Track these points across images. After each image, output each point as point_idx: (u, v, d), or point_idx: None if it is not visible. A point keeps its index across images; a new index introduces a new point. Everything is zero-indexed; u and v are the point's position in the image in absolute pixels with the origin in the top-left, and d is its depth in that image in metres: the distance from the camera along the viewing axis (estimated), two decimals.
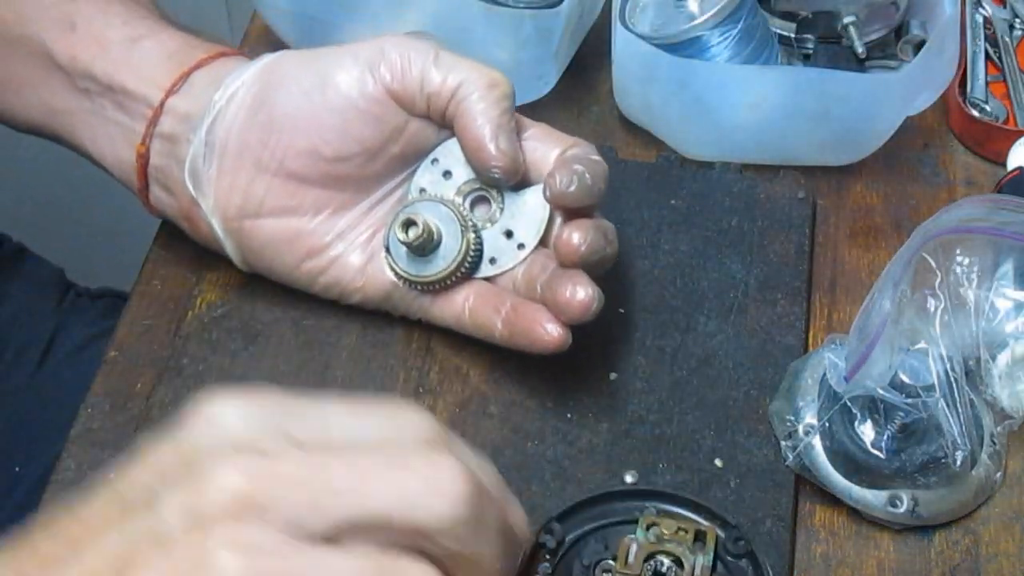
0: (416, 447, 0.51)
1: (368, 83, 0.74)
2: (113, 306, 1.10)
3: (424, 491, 0.49)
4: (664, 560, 0.68)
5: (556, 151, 0.76)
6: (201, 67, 0.77)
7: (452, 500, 0.49)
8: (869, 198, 0.91)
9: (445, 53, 0.74)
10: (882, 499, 0.73)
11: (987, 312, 0.75)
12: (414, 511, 0.49)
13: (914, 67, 0.88)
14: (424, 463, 0.50)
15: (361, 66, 0.74)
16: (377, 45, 0.74)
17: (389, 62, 0.74)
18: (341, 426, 0.51)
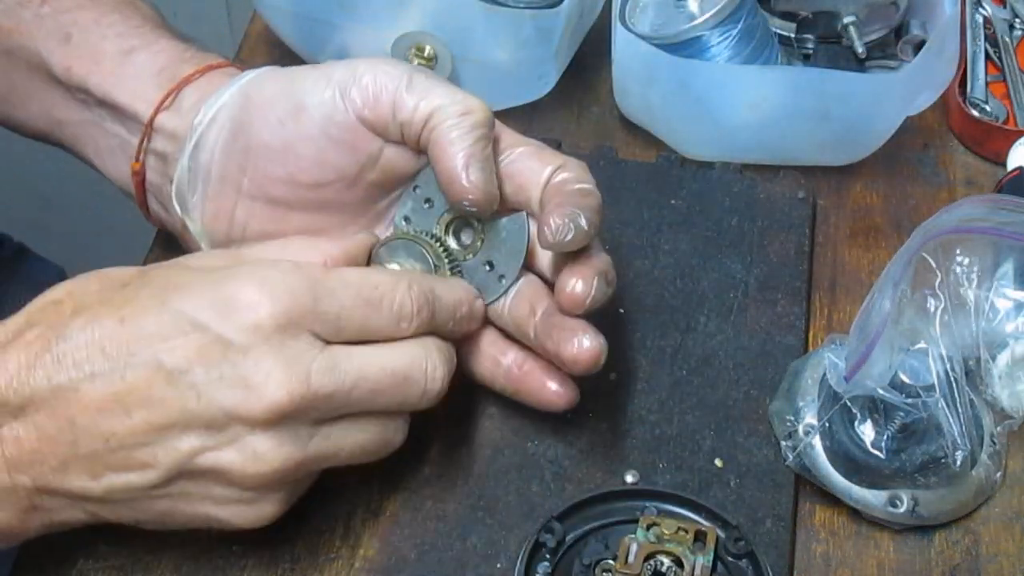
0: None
1: (340, 109, 0.71)
2: None
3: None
4: (664, 560, 0.68)
5: (545, 172, 0.73)
6: (190, 83, 0.77)
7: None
8: (869, 198, 0.91)
9: (419, 77, 0.72)
10: (882, 499, 0.73)
11: (987, 312, 0.75)
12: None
13: (914, 67, 0.88)
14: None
15: (333, 89, 0.71)
16: (351, 68, 0.72)
17: (361, 87, 0.71)
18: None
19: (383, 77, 0.71)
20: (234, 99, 0.74)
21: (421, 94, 0.71)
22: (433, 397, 0.67)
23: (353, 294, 0.65)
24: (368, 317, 0.65)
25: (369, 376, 0.64)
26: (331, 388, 0.63)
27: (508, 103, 0.95)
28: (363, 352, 0.65)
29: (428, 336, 0.68)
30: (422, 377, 0.66)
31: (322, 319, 0.63)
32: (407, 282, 0.67)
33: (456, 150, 0.70)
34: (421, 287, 0.67)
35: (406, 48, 0.89)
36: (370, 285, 0.66)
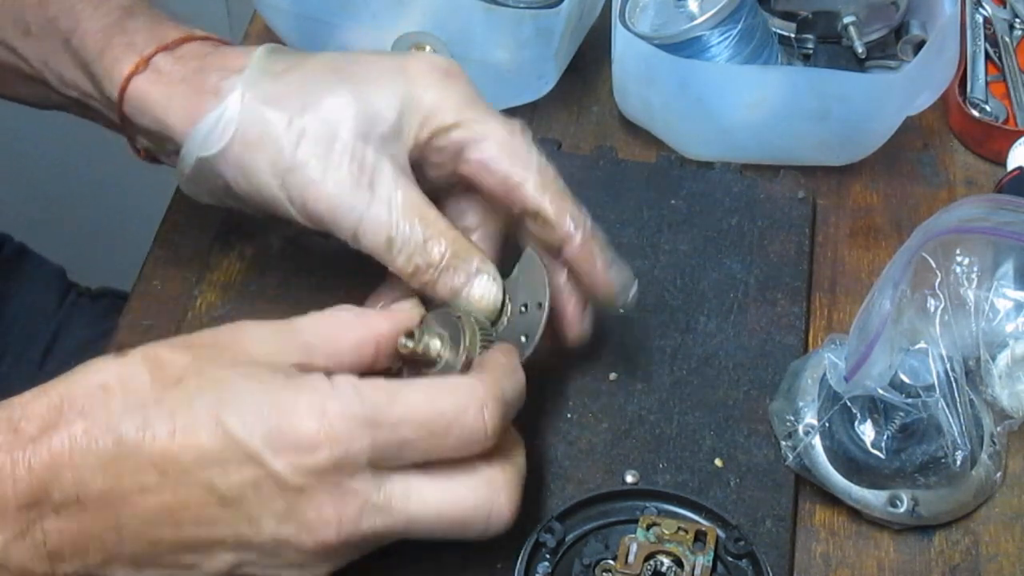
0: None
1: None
2: (113, 306, 1.10)
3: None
4: (664, 560, 0.68)
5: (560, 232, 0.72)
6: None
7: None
8: (869, 198, 0.91)
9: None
10: (882, 499, 0.73)
11: (987, 312, 0.75)
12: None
13: (914, 67, 0.88)
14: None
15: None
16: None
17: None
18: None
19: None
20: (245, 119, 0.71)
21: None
22: (496, 535, 0.64)
23: (417, 425, 0.61)
24: (433, 447, 0.62)
25: (424, 520, 0.62)
26: (383, 529, 0.62)
27: (508, 103, 0.95)
28: (421, 492, 0.62)
29: (503, 469, 0.64)
30: (483, 522, 0.63)
31: (382, 453, 0.61)
32: (479, 403, 0.62)
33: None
34: (496, 404, 0.62)
35: (406, 48, 0.89)
36: (436, 412, 0.61)
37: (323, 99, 0.70)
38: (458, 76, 0.72)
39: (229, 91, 0.71)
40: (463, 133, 0.71)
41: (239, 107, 0.71)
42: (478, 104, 0.72)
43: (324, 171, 0.69)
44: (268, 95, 0.71)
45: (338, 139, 0.69)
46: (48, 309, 1.10)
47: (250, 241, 0.86)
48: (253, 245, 0.86)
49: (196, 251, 0.86)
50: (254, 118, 0.70)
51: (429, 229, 0.69)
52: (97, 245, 1.66)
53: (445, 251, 0.69)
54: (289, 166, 0.69)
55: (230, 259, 0.85)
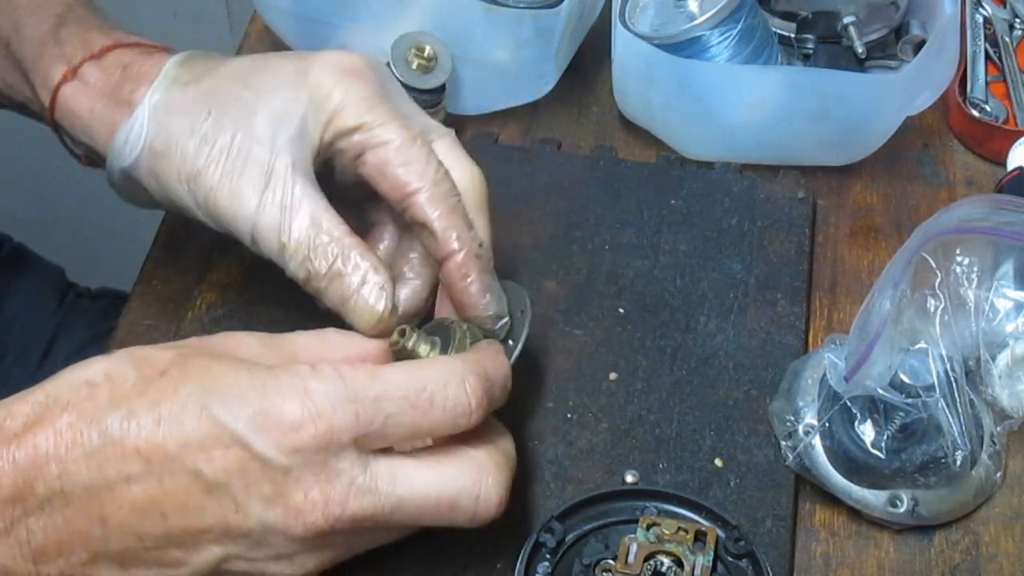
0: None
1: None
2: (113, 306, 1.10)
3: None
4: (664, 560, 0.68)
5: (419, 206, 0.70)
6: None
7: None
8: (869, 198, 0.91)
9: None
10: (882, 499, 0.73)
11: (987, 312, 0.75)
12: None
13: (914, 67, 0.88)
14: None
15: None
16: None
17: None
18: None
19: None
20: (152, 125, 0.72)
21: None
22: (485, 521, 0.64)
23: (400, 399, 0.61)
24: (418, 422, 0.62)
25: (412, 501, 0.62)
26: (370, 511, 0.61)
27: (508, 103, 0.95)
28: (408, 473, 0.62)
29: (491, 453, 0.65)
30: (472, 504, 0.63)
31: (367, 432, 0.61)
32: (460, 376, 0.63)
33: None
34: (478, 378, 0.63)
35: (406, 48, 0.89)
36: (418, 388, 0.62)
37: (226, 106, 0.71)
38: (363, 75, 0.71)
39: (138, 103, 0.73)
40: (363, 136, 0.70)
41: (146, 118, 0.72)
42: (381, 106, 0.71)
43: (222, 176, 0.70)
44: (173, 105, 0.72)
45: (237, 146, 0.70)
46: (48, 309, 1.10)
47: None
48: None
49: (196, 251, 0.86)
50: (160, 129, 0.72)
51: (320, 235, 0.69)
52: (97, 245, 1.66)
53: (335, 258, 0.69)
54: (193, 173, 0.70)
55: (230, 259, 0.85)
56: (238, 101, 0.71)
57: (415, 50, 0.89)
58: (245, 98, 0.71)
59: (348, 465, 0.61)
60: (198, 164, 0.70)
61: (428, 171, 0.70)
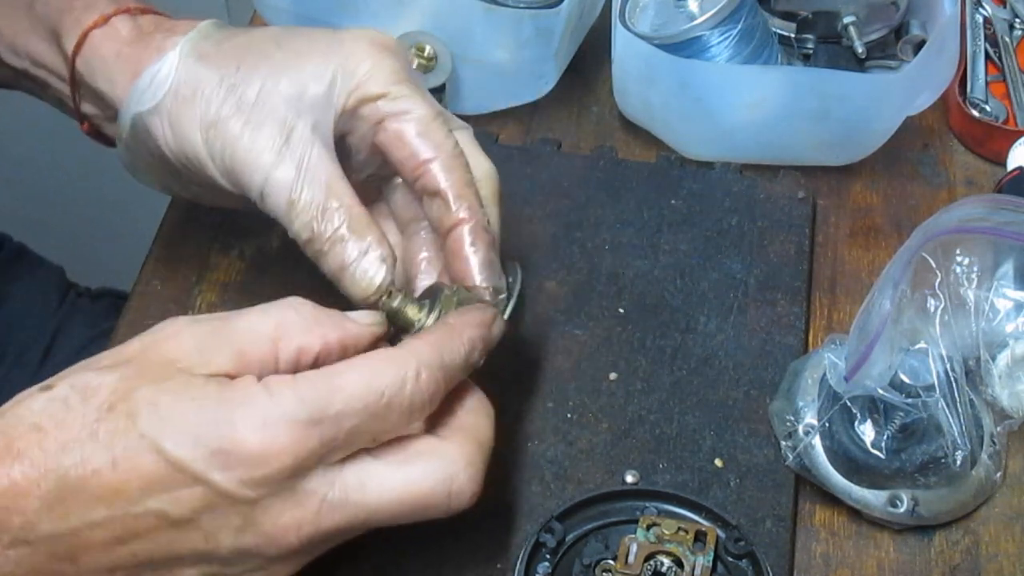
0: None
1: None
2: (113, 306, 1.10)
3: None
4: (664, 560, 0.68)
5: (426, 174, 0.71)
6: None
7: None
8: (869, 198, 0.91)
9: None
10: (882, 499, 0.73)
11: (987, 312, 0.75)
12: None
13: (914, 67, 0.88)
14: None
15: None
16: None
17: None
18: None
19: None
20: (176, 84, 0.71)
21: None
22: (460, 511, 0.63)
23: (360, 411, 0.60)
24: (377, 428, 0.61)
25: (384, 507, 0.61)
26: (344, 524, 0.61)
27: (508, 103, 0.95)
28: (377, 479, 0.61)
29: (461, 444, 0.63)
30: (444, 500, 0.62)
31: (330, 447, 0.60)
32: (415, 372, 0.61)
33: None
34: (431, 371, 0.62)
35: (406, 48, 0.89)
36: (376, 395, 0.60)
37: (257, 62, 0.71)
38: (395, 51, 0.72)
39: (170, 48, 0.72)
40: (387, 104, 0.70)
41: (176, 63, 0.71)
42: (409, 80, 0.71)
43: (242, 127, 0.69)
44: (205, 54, 0.72)
45: (263, 99, 0.69)
46: (48, 309, 1.10)
47: (250, 241, 0.86)
48: (253, 245, 0.86)
49: (196, 251, 0.86)
50: (188, 74, 0.71)
51: (331, 199, 0.68)
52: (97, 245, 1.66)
53: (341, 223, 0.68)
54: (213, 120, 0.70)
55: (230, 259, 0.85)
56: (269, 59, 0.71)
57: (415, 50, 0.89)
58: (277, 57, 0.71)
59: (316, 485, 0.60)
60: (222, 112, 0.69)
61: (446, 144, 0.70)
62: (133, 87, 0.72)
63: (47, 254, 1.15)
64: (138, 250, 0.88)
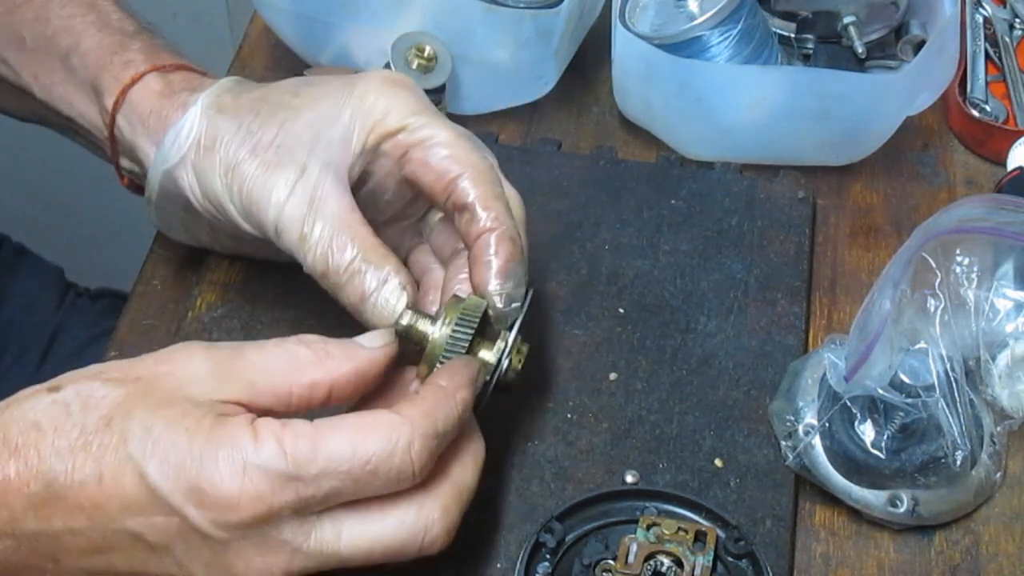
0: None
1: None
2: (113, 306, 1.10)
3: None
4: (664, 560, 0.68)
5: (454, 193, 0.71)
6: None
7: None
8: (869, 198, 0.91)
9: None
10: (882, 499, 0.73)
11: (987, 312, 0.75)
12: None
13: (914, 67, 0.88)
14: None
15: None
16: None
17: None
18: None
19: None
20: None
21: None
22: (430, 554, 0.64)
23: (343, 474, 0.60)
24: (359, 491, 0.61)
25: (356, 556, 0.62)
26: (315, 567, 0.61)
27: (508, 103, 0.95)
28: (352, 529, 0.62)
29: (438, 492, 0.63)
30: (416, 548, 0.63)
31: (307, 503, 0.60)
32: (406, 442, 0.61)
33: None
34: (424, 441, 0.61)
35: (406, 48, 0.89)
36: (362, 462, 0.60)
37: (274, 109, 0.72)
38: (407, 86, 0.72)
39: (191, 105, 0.73)
40: (408, 136, 0.71)
41: (198, 115, 0.73)
42: (426, 111, 0.72)
43: (257, 167, 0.70)
44: (225, 107, 0.73)
45: (279, 142, 0.70)
46: (47, 309, 1.10)
47: None
48: None
49: (196, 251, 0.86)
50: (210, 125, 0.72)
51: (343, 232, 0.69)
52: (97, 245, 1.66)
53: (355, 255, 0.68)
54: (232, 164, 0.71)
55: (230, 259, 0.85)
56: (287, 107, 0.72)
57: (415, 50, 0.89)
58: (294, 104, 0.72)
59: (290, 535, 0.60)
60: (240, 155, 0.70)
61: (473, 158, 0.71)
62: (160, 146, 0.74)
63: (47, 254, 1.15)
64: (138, 250, 0.88)
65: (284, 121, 0.71)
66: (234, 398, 0.62)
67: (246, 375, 0.62)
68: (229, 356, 0.63)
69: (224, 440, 0.59)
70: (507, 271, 0.69)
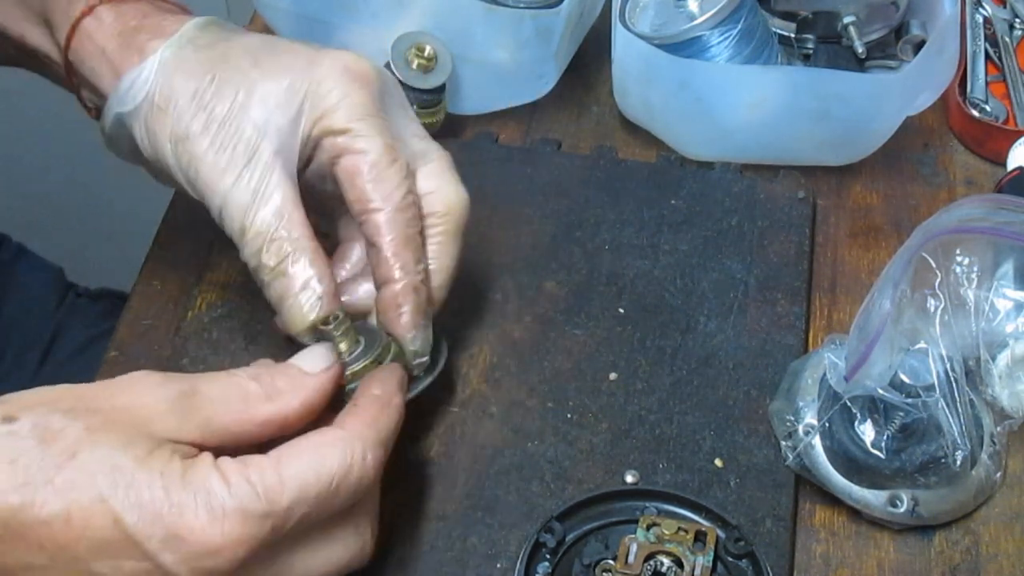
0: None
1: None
2: (113, 306, 1.10)
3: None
4: (664, 560, 0.68)
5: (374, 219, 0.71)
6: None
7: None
8: (869, 198, 0.91)
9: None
10: (882, 499, 0.73)
11: (987, 312, 0.75)
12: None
13: (914, 67, 0.88)
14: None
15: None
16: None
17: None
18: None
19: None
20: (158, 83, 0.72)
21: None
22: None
23: (312, 499, 0.61)
24: (324, 512, 0.62)
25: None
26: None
27: (508, 103, 0.95)
28: (305, 561, 0.63)
29: (367, 511, 0.65)
30: (358, 562, 0.65)
31: (279, 536, 0.61)
32: (360, 454, 0.63)
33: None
34: (375, 451, 0.63)
35: (406, 48, 0.89)
36: (326, 483, 0.61)
37: (230, 77, 0.71)
38: (368, 82, 0.71)
39: (151, 52, 0.72)
40: (346, 140, 0.70)
41: (155, 68, 0.72)
42: (373, 117, 0.71)
43: (208, 145, 0.70)
44: (184, 63, 0.72)
45: (230, 118, 0.70)
46: (47, 310, 1.10)
47: None
48: None
49: (196, 251, 0.86)
50: (165, 83, 0.71)
51: (280, 230, 0.69)
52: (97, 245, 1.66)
53: (285, 256, 0.69)
54: (183, 135, 0.70)
55: (230, 259, 0.85)
56: (244, 76, 0.71)
57: (415, 50, 0.89)
58: (251, 75, 0.71)
59: (261, 571, 0.61)
60: (191, 128, 0.70)
61: (395, 194, 0.70)
62: (115, 88, 0.73)
63: (47, 254, 1.15)
64: (138, 250, 0.88)
65: (238, 93, 0.70)
66: (191, 438, 0.61)
67: (203, 412, 0.62)
68: (186, 391, 0.63)
69: (199, 486, 0.59)
70: (412, 326, 0.71)
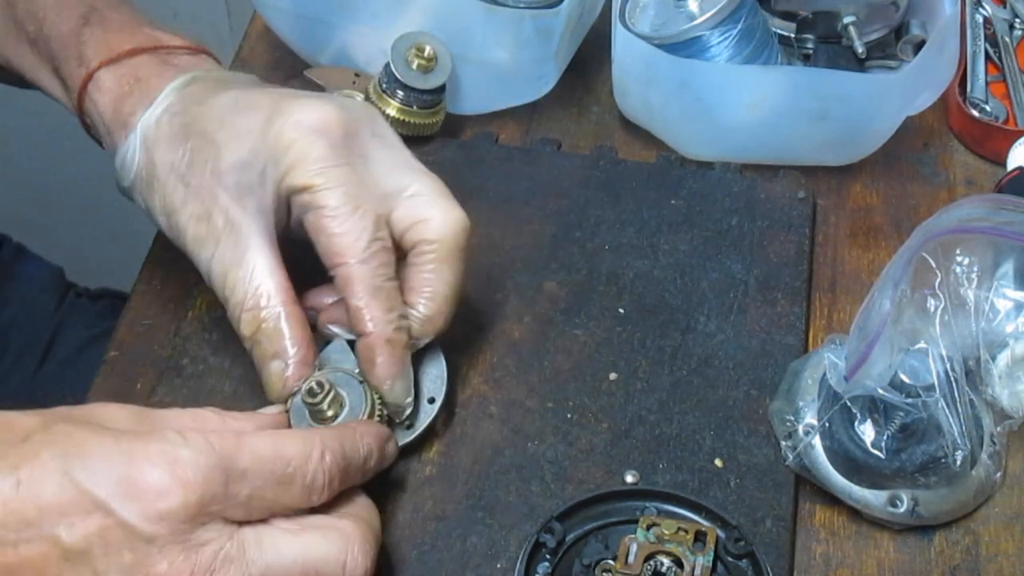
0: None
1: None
2: (113, 306, 1.10)
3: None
4: (664, 560, 0.68)
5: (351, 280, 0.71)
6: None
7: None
8: (869, 198, 0.91)
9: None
10: (882, 499, 0.73)
11: (987, 312, 0.75)
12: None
13: (914, 67, 0.88)
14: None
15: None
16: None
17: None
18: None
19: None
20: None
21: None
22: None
23: (266, 473, 0.62)
24: (279, 496, 0.63)
25: (278, 568, 0.62)
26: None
27: (508, 103, 0.95)
28: (275, 540, 0.62)
29: (358, 526, 0.65)
30: (339, 571, 0.63)
31: (232, 503, 0.61)
32: (319, 451, 0.64)
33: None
34: (334, 455, 0.64)
35: (406, 48, 0.89)
36: (283, 461, 0.62)
37: (201, 145, 0.73)
38: (329, 133, 0.72)
39: (134, 127, 0.75)
40: (309, 198, 0.71)
41: (138, 146, 0.75)
42: (333, 170, 0.71)
43: (188, 218, 0.72)
44: (161, 134, 0.74)
45: (205, 189, 0.72)
46: (47, 309, 1.10)
47: None
48: None
49: None
50: (148, 158, 0.74)
51: (252, 299, 0.71)
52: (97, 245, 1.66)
53: (257, 327, 0.71)
54: (171, 209, 0.73)
55: None
56: (212, 142, 0.72)
57: (415, 50, 0.89)
58: (219, 139, 0.72)
59: (215, 534, 0.60)
60: (174, 202, 0.73)
61: (358, 245, 0.70)
62: (115, 163, 0.76)
63: (47, 254, 1.15)
64: (138, 250, 0.88)
65: (208, 162, 0.72)
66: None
67: (159, 423, 0.64)
68: (141, 410, 0.65)
69: (153, 439, 0.60)
70: (388, 376, 0.71)
